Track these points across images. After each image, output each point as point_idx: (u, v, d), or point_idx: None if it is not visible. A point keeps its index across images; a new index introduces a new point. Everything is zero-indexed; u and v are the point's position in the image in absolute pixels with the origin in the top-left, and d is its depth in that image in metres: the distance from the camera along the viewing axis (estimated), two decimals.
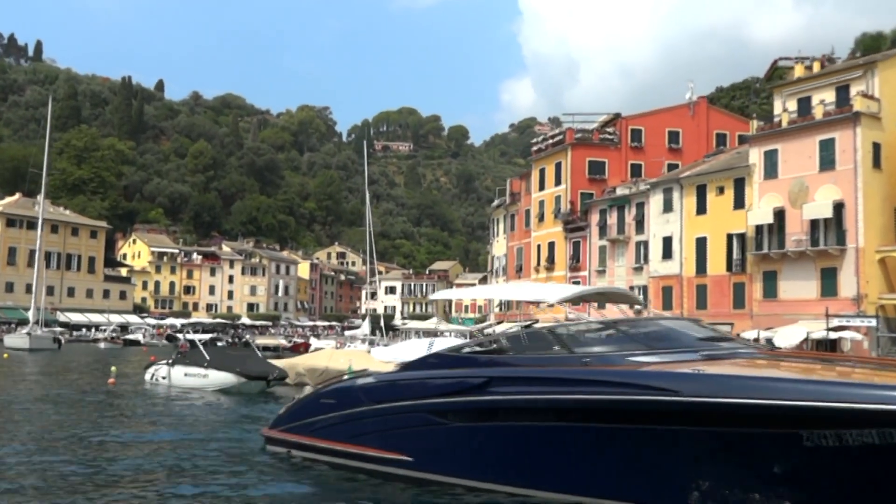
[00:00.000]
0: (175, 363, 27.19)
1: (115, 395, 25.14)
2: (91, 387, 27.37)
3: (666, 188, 55.39)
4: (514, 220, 73.07)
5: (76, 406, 21.40)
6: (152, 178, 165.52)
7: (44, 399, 22.94)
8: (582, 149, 64.57)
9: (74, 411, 20.03)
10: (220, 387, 25.35)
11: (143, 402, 23.15)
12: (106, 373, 36.40)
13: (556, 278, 65.19)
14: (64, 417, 18.55)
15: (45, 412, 19.58)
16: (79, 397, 24.13)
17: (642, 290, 56.93)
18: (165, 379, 27.25)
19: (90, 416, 19.03)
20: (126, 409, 21.14)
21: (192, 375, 26.11)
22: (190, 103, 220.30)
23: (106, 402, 22.67)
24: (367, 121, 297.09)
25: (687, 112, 66.06)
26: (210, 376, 25.57)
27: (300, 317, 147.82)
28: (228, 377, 25.13)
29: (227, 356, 26.49)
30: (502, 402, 9.71)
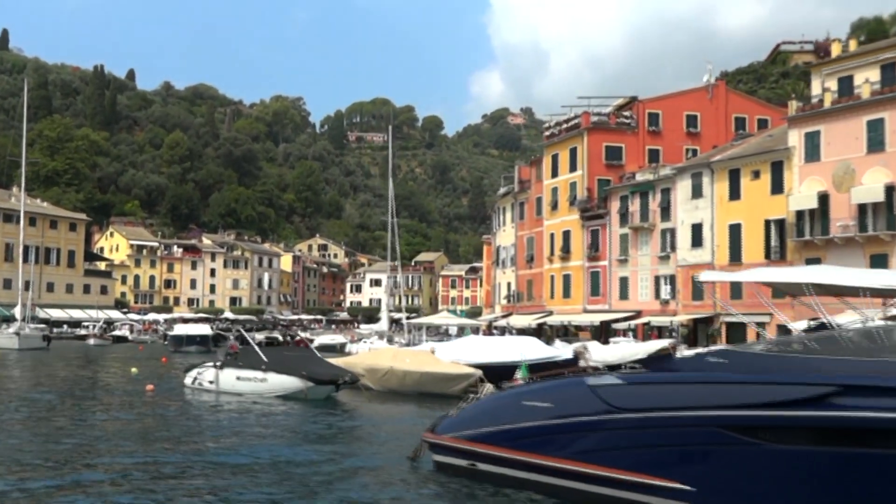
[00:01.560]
0: (224, 366, 24.22)
1: (165, 404, 22.22)
2: (129, 395, 24.37)
3: (695, 173, 53.00)
4: (523, 208, 70.38)
5: (135, 424, 18.47)
6: (127, 169, 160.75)
7: (88, 418, 19.93)
8: (598, 133, 62.05)
9: (139, 430, 17.10)
10: (282, 392, 22.48)
11: (205, 412, 20.23)
12: (120, 373, 33.29)
13: (572, 268, 62.77)
14: (137, 444, 15.60)
15: (108, 438, 16.59)
16: (127, 410, 21.17)
17: (669, 280, 54.62)
18: (213, 383, 24.28)
19: (163, 435, 16.11)
20: (194, 422, 18.24)
21: (246, 380, 23.19)
22: (162, 93, 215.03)
23: (163, 415, 19.73)
24: (341, 112, 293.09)
25: (705, 95, 63.76)
26: (269, 380, 22.67)
27: (283, 310, 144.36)
28: (293, 381, 22.24)
29: (285, 357, 23.62)
30: (867, 421, 7.13)
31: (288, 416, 19.65)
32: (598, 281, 60.22)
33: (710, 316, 51.18)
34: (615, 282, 58.91)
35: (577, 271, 62.31)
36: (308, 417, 19.53)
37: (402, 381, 24.37)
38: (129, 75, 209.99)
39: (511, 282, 71.99)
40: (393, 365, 24.52)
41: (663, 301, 54.78)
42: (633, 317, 56.22)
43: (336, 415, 20.23)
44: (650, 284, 56.19)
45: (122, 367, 41.56)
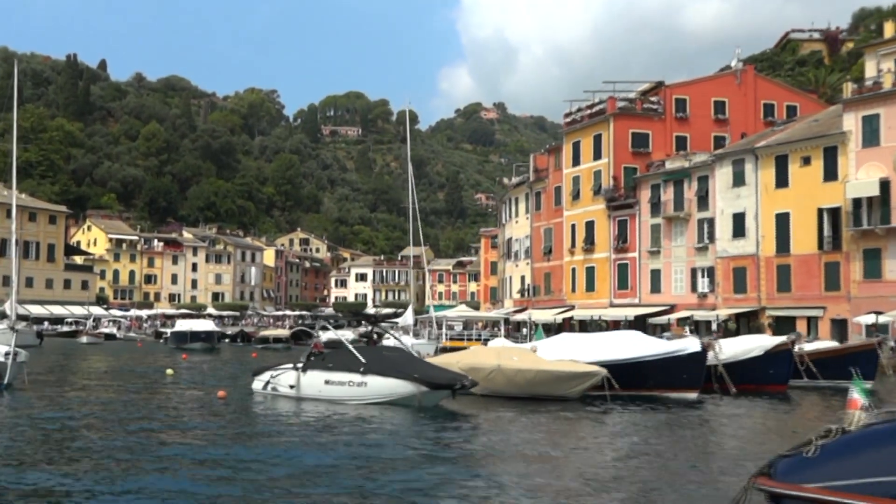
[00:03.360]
0: (308, 367, 21.01)
1: (251, 414, 19.04)
2: (200, 403, 21.10)
3: (736, 160, 50.47)
4: (539, 198, 67.51)
5: (228, 437, 15.29)
6: (102, 161, 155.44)
7: (186, 435, 16.70)
8: (625, 119, 59.42)
9: (240, 449, 13.95)
10: (387, 398, 19.34)
11: (309, 422, 17.06)
12: (153, 375, 29.97)
13: (596, 260, 60.09)
14: (291, 471, 12.45)
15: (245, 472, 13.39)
16: (209, 418, 17.95)
17: (707, 272, 52.08)
18: (293, 388, 21.06)
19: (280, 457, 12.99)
20: (305, 434, 15.11)
21: (338, 384, 20.00)
22: (134, 84, 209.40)
23: (273, 430, 16.54)
24: (315, 105, 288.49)
25: (733, 80, 61.35)
26: (370, 384, 19.50)
27: (266, 306, 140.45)
28: (401, 385, 19.10)
29: (385, 357, 20.43)
30: None
31: (421, 427, 16.58)
32: (627, 274, 57.59)
33: (755, 310, 48.71)
34: (645, 274, 56.28)
35: (602, 264, 59.61)
36: (449, 431, 16.48)
37: (512, 381, 21.36)
38: (101, 65, 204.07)
39: (525, 275, 69.15)
40: (500, 363, 21.49)
41: (701, 294, 52.23)
42: (667, 311, 53.65)
43: (484, 429, 17.18)
44: (685, 277, 53.63)
45: (146, 367, 38.15)
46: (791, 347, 25.50)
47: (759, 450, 13.23)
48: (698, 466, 12.67)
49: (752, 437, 16.55)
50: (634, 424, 18.10)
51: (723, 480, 11.10)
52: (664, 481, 11.29)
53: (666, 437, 16.05)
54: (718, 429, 18.06)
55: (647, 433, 16.70)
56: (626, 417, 19.11)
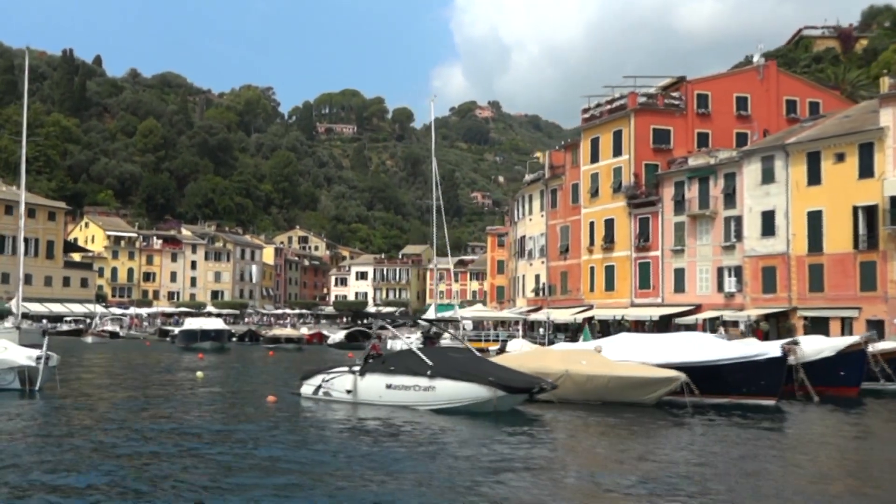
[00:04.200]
0: (366, 371, 19.62)
1: (309, 421, 17.66)
2: (251, 409, 19.67)
3: (765, 156, 49.22)
4: (555, 195, 66.18)
5: (321, 450, 13.89)
6: (99, 157, 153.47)
7: (233, 436, 15.31)
8: (646, 115, 58.12)
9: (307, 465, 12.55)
10: (458, 403, 17.97)
11: (376, 431, 15.68)
12: (183, 377, 28.52)
13: (616, 259, 58.83)
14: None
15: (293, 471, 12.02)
16: (263, 428, 16.55)
17: (735, 271, 50.84)
18: (350, 393, 19.67)
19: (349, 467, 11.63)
20: (380, 444, 13.71)
21: (402, 388, 18.63)
22: (129, 80, 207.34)
23: (341, 438, 15.15)
24: (310, 103, 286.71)
25: (755, 76, 60.14)
26: (438, 388, 18.13)
27: (265, 304, 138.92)
28: (475, 389, 17.74)
29: (453, 360, 19.04)
30: None
31: (496, 436, 15.21)
32: (649, 273, 56.32)
33: (785, 310, 47.47)
34: (669, 274, 55.02)
35: (622, 262, 58.33)
36: (524, 441, 15.14)
37: (583, 387, 19.99)
38: (96, 61, 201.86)
39: (540, 274, 67.82)
40: (569, 368, 20.11)
41: (728, 294, 50.98)
42: (692, 311, 52.38)
43: (562, 440, 15.83)
44: (711, 276, 52.38)
45: (167, 367, 36.72)
46: (865, 347, 24.27)
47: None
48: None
49: (869, 456, 15.27)
50: (726, 435, 16.77)
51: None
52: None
53: (771, 454, 14.64)
54: (818, 441, 16.75)
55: (747, 447, 15.34)
56: (716, 427, 17.77)
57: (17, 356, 22.45)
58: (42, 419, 17.49)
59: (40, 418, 17.73)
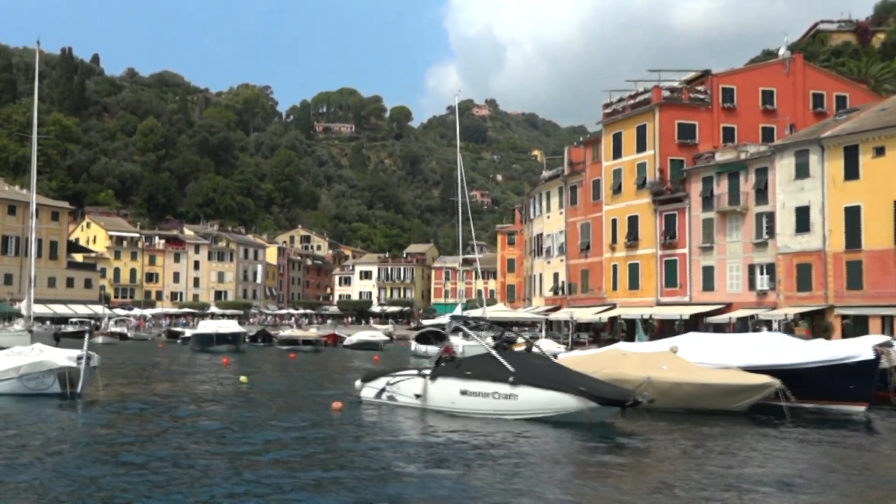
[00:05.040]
0: (438, 375, 18.27)
1: (393, 430, 16.29)
2: (316, 417, 18.28)
3: (799, 150, 47.92)
4: (575, 192, 64.87)
5: (414, 468, 12.55)
6: (99, 157, 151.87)
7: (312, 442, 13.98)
8: (671, 110, 56.85)
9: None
10: (541, 413, 16.61)
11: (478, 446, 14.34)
12: (222, 381, 27.09)
13: (640, 257, 57.54)
14: None
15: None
16: (345, 438, 15.20)
17: (767, 269, 49.57)
18: (420, 398, 18.32)
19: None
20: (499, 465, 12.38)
21: (480, 395, 17.28)
22: (127, 80, 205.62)
23: (422, 452, 13.80)
24: (307, 102, 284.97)
25: (781, 69, 58.89)
26: (521, 397, 16.78)
27: (269, 304, 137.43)
28: (563, 400, 16.38)
29: (536, 366, 17.66)
30: None
31: (589, 450, 13.89)
32: (675, 271, 55.03)
33: (821, 308, 46.21)
34: (697, 271, 53.73)
35: (647, 260, 57.04)
36: (619, 457, 13.82)
37: (667, 394, 18.52)
38: (94, 60, 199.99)
39: (559, 272, 66.51)
40: (651, 375, 18.76)
41: (760, 292, 49.68)
42: (722, 310, 51.09)
43: (662, 455, 14.52)
44: (742, 274, 51.09)
45: (198, 370, 35.33)
46: None
47: None
48: None
49: None
50: (841, 446, 15.47)
51: None
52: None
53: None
54: None
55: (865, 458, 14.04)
56: (820, 435, 16.48)
57: (57, 357, 21.08)
58: (96, 428, 16.09)
59: (97, 428, 16.34)
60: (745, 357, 20.31)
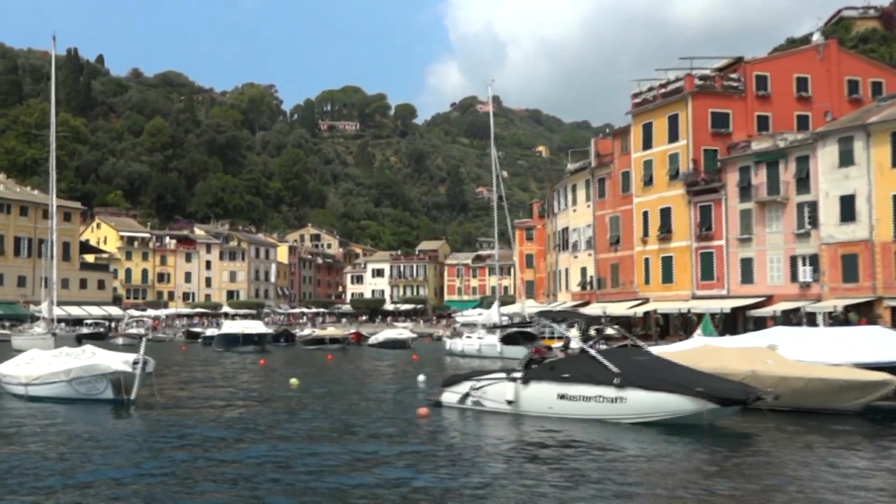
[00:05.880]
0: (531, 378, 16.92)
1: (496, 441, 14.94)
2: (404, 426, 16.91)
3: (843, 137, 46.49)
4: (603, 185, 63.46)
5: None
6: (107, 157, 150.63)
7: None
8: (704, 98, 55.40)
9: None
10: (653, 416, 15.30)
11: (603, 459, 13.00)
12: (270, 383, 25.76)
13: (674, 250, 56.15)
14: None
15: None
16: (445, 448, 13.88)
17: (810, 260, 48.15)
18: (511, 403, 16.97)
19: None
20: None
21: (581, 399, 15.95)
22: (132, 80, 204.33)
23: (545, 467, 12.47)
24: (311, 100, 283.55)
25: (815, 56, 57.45)
26: (629, 400, 15.44)
27: (280, 304, 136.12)
28: (677, 402, 15.07)
29: (642, 366, 16.29)
30: None
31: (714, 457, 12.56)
32: (712, 263, 53.62)
33: (869, 300, 44.80)
34: (735, 264, 52.30)
35: (681, 253, 55.64)
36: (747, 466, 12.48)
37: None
38: (99, 60, 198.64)
39: (587, 267, 65.12)
40: (755, 369, 17.46)
41: (803, 284, 48.24)
42: (763, 303, 49.66)
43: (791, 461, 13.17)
44: (784, 266, 49.65)
45: (235, 373, 34.02)
46: None
47: None
48: None
49: None
50: None
51: None
52: None
53: None
54: None
55: None
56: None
57: (111, 361, 19.77)
58: (170, 438, 14.75)
59: (169, 438, 15.00)
60: (850, 353, 18.93)
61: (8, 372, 21.97)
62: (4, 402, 20.66)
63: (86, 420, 17.36)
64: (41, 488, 10.37)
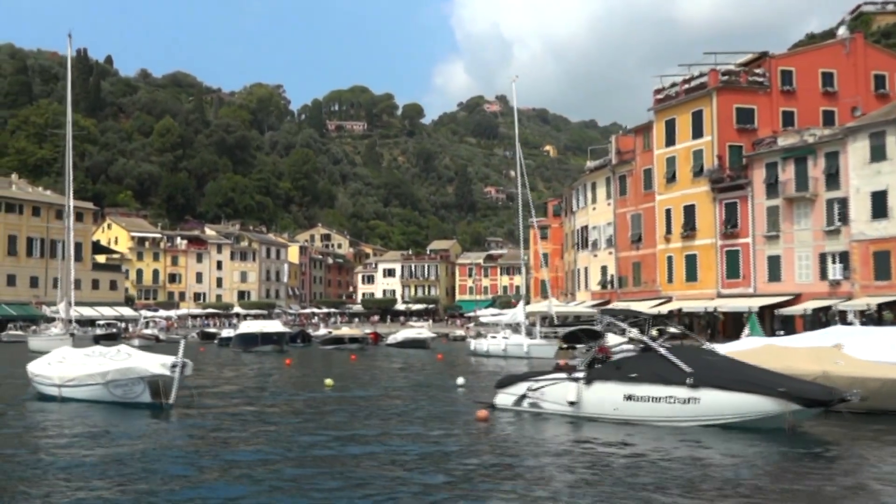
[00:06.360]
0: (594, 378, 16.14)
1: (548, 447, 14.16)
2: (463, 431, 16.12)
3: (874, 132, 45.64)
4: (624, 182, 62.65)
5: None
6: (117, 158, 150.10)
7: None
8: (728, 94, 54.57)
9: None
10: (730, 418, 14.49)
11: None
12: (305, 384, 25.00)
13: (698, 247, 55.31)
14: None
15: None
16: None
17: (840, 257, 47.28)
18: (574, 405, 16.19)
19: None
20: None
21: (650, 400, 15.16)
22: (141, 80, 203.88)
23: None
24: (319, 100, 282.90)
25: (841, 50, 56.54)
26: (704, 401, 14.65)
27: (291, 304, 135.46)
28: (758, 402, 14.26)
29: (715, 365, 15.48)
30: None
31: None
32: (738, 261, 52.78)
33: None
34: (761, 261, 51.46)
35: (706, 251, 54.80)
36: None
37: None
38: (107, 61, 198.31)
39: (608, 265, 64.32)
40: (827, 369, 16.67)
41: (833, 282, 47.39)
42: (791, 301, 48.81)
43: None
44: (812, 263, 48.79)
45: (266, 374, 33.28)
46: None
47: None
48: None
49: None
50: None
51: None
52: None
53: None
54: None
55: None
56: None
57: (148, 364, 19.00)
58: (220, 447, 14.01)
59: (219, 446, 14.25)
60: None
61: (40, 371, 21.27)
62: (38, 404, 19.97)
63: (124, 424, 16.63)
64: (85, 499, 9.65)
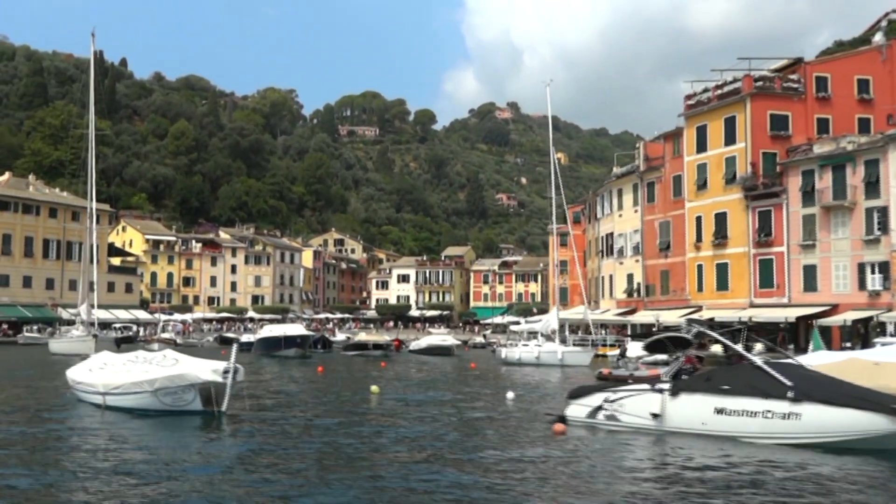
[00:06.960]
0: (681, 389, 15.18)
1: (660, 464, 13.20)
2: (540, 446, 15.18)
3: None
4: (653, 189, 61.68)
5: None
6: (131, 160, 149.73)
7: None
8: (762, 100, 53.58)
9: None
10: (837, 437, 13.50)
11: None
12: (349, 390, 24.04)
13: (730, 256, 54.24)
14: None
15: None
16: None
17: (880, 267, 46.21)
18: (657, 418, 15.24)
19: None
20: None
21: (745, 414, 14.18)
22: (155, 83, 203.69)
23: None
24: (331, 105, 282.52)
25: (878, 57, 55.54)
26: (805, 417, 13.67)
27: (305, 309, 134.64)
28: (869, 420, 13.27)
29: (816, 379, 14.52)
30: None
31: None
32: (772, 270, 51.72)
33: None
34: (796, 271, 50.39)
35: (738, 259, 53.75)
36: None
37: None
38: (122, 63, 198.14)
39: (635, 273, 63.32)
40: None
41: (872, 293, 46.31)
42: (828, 311, 47.73)
43: None
44: (851, 273, 47.71)
45: (301, 380, 32.40)
46: None
47: None
48: None
49: None
50: None
51: None
52: None
53: None
54: None
55: None
56: None
57: (199, 370, 18.09)
58: (273, 457, 13.11)
59: (282, 464, 13.34)
60: None
61: (82, 379, 20.37)
62: (81, 413, 19.06)
63: (176, 436, 15.75)
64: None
